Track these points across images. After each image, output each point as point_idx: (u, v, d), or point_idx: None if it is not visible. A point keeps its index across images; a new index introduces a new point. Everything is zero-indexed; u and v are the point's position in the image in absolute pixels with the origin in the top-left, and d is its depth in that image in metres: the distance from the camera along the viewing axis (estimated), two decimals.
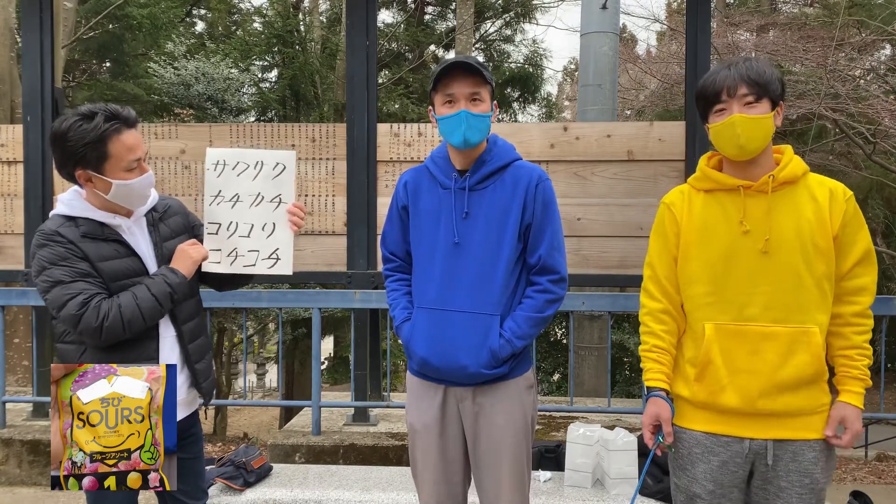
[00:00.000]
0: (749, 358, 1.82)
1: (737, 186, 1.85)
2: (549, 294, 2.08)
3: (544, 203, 2.08)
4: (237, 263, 2.12)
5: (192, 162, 4.27)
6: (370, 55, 4.16)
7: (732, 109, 1.81)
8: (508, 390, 2.11)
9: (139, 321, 1.88)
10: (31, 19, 4.27)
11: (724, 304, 1.85)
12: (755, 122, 1.80)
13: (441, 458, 2.14)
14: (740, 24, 11.33)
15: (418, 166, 2.24)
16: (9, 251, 4.35)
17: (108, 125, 1.85)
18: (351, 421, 4.30)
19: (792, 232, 1.80)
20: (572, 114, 18.60)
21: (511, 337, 2.04)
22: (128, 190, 1.91)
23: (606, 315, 4.57)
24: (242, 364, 6.81)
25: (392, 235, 2.25)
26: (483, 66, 2.05)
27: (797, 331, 1.80)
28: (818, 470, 1.83)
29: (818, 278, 1.81)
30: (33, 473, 4.12)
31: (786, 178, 1.83)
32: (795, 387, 1.80)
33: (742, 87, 1.80)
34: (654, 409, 1.91)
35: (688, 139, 4.03)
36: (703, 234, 1.89)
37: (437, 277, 2.08)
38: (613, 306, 4.01)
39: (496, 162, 2.10)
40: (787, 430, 1.82)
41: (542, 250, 2.07)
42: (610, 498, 3.09)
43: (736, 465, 1.86)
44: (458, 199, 2.09)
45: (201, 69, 9.20)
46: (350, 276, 4.14)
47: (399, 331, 2.18)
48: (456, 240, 2.07)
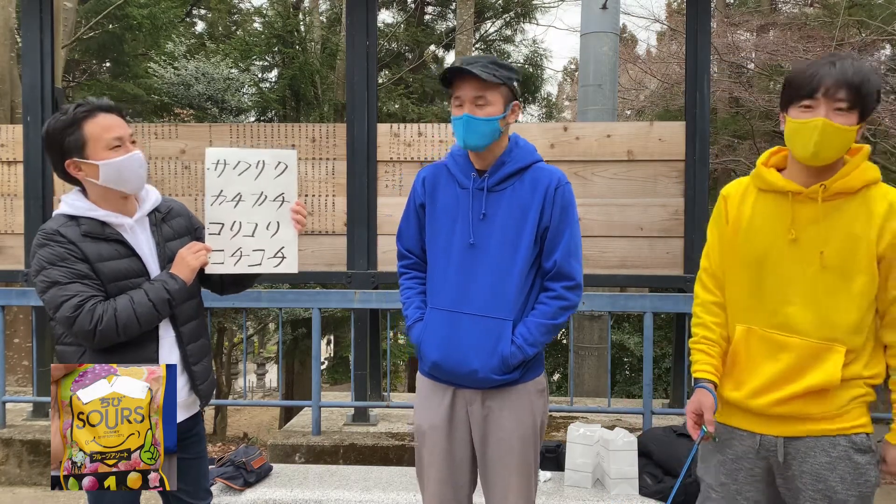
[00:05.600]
0: (768, 364, 1.80)
1: (787, 191, 1.77)
2: (563, 301, 2.05)
3: (563, 207, 2.05)
4: (242, 263, 2.11)
5: (192, 162, 4.26)
6: (370, 55, 4.16)
7: (820, 111, 1.68)
8: (518, 394, 2.09)
9: (134, 326, 1.88)
10: (31, 19, 4.27)
11: (759, 308, 1.82)
12: (839, 133, 1.68)
13: (447, 460, 2.13)
14: (740, 24, 11.33)
15: (437, 163, 2.22)
16: (9, 251, 4.35)
17: (80, 110, 1.89)
18: (351, 421, 4.30)
19: (836, 246, 1.72)
20: (572, 114, 18.59)
21: (523, 344, 2.02)
22: (115, 169, 1.91)
23: (606, 315, 4.57)
24: (242, 364, 6.81)
25: (408, 232, 2.23)
26: (493, 68, 1.99)
27: (818, 347, 1.73)
28: (835, 478, 1.73)
29: (855, 296, 1.72)
30: (33, 473, 4.12)
31: (840, 189, 1.72)
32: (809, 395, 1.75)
33: (841, 91, 1.67)
34: (697, 398, 1.86)
35: (688, 139, 4.03)
36: (749, 233, 1.84)
37: (451, 278, 2.07)
38: (613, 306, 4.01)
39: (516, 163, 2.07)
40: (800, 427, 1.77)
41: (558, 255, 2.04)
42: (610, 498, 3.09)
43: (749, 462, 1.84)
44: (476, 199, 2.06)
45: (201, 69, 9.19)
46: (350, 276, 4.14)
47: (410, 330, 2.17)
48: (472, 241, 2.05)
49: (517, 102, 2.09)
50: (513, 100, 2.06)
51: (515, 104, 2.08)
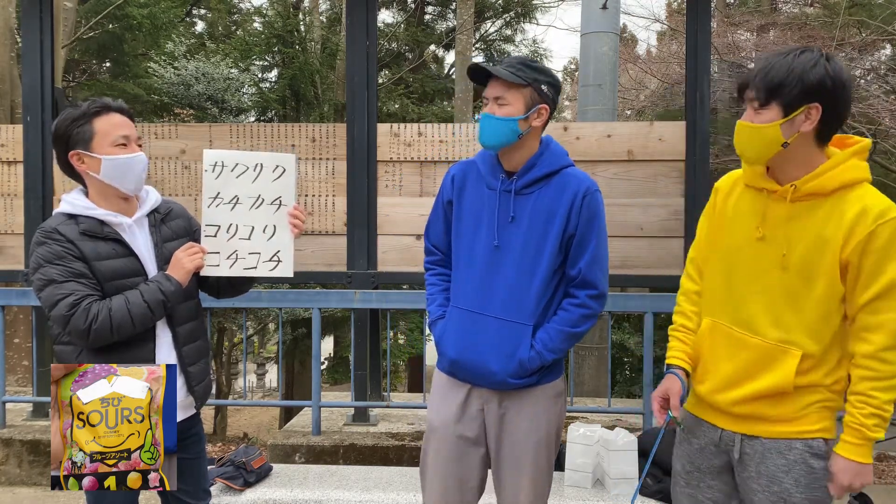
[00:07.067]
0: (727, 362, 1.79)
1: (762, 188, 1.75)
2: (586, 309, 2.04)
3: (590, 216, 2.02)
4: (237, 266, 2.10)
5: (192, 162, 4.26)
6: (370, 55, 4.15)
7: (746, 113, 1.70)
8: (536, 397, 2.08)
9: (129, 326, 1.88)
10: (31, 19, 4.27)
11: (727, 304, 1.81)
12: (754, 132, 1.68)
13: (455, 457, 2.11)
14: (740, 24, 11.33)
15: (468, 160, 2.21)
16: (9, 251, 4.35)
17: (94, 106, 1.93)
18: (351, 421, 4.30)
19: (803, 248, 1.67)
20: (572, 114, 18.58)
21: (542, 349, 2.01)
22: (118, 166, 1.92)
23: (606, 315, 4.57)
24: (242, 364, 6.81)
25: (436, 227, 2.23)
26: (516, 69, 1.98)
27: (774, 349, 1.71)
28: (790, 481, 1.71)
29: (817, 301, 1.67)
30: (33, 473, 4.11)
31: (811, 190, 1.67)
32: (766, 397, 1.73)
33: (749, 90, 1.67)
34: (665, 384, 1.87)
35: (688, 139, 4.03)
36: (728, 226, 1.83)
37: (474, 279, 2.06)
38: (613, 306, 4.01)
39: (545, 167, 2.05)
40: (757, 426, 1.76)
41: (583, 263, 2.02)
42: (610, 498, 3.09)
43: (711, 453, 1.86)
44: (504, 201, 2.05)
45: (201, 69, 9.19)
46: (350, 276, 4.14)
47: (433, 327, 2.17)
48: (496, 243, 2.04)
49: (545, 105, 2.03)
50: (540, 102, 2.02)
51: (542, 107, 2.02)
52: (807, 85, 1.61)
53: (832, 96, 1.62)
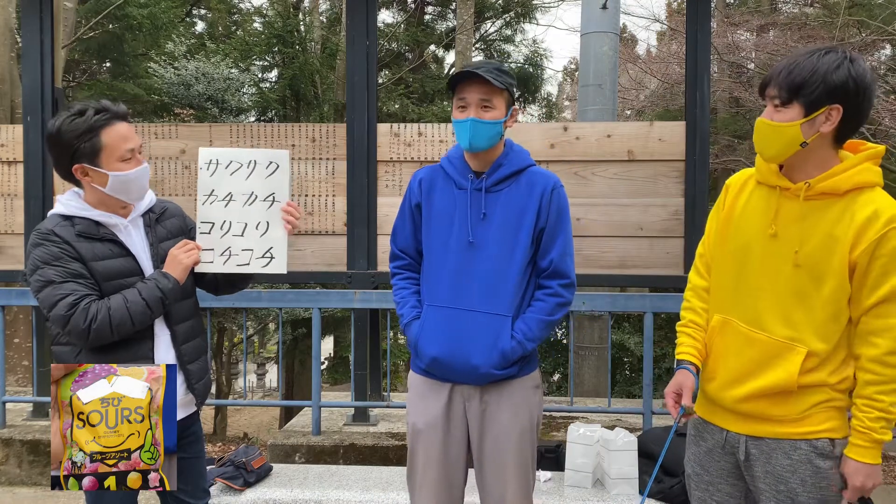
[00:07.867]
0: (734, 358, 1.80)
1: (775, 185, 1.75)
2: (560, 297, 2.12)
3: (559, 210, 2.13)
4: (231, 262, 2.11)
5: (192, 162, 4.26)
6: (370, 55, 4.16)
7: (766, 110, 1.71)
8: (515, 389, 2.13)
9: (128, 325, 1.88)
10: (31, 19, 4.27)
11: (737, 301, 1.81)
12: (773, 130, 1.68)
13: (443, 458, 2.15)
14: (740, 24, 11.32)
15: (433, 165, 2.26)
16: (9, 251, 4.35)
17: (100, 116, 1.88)
18: (351, 421, 4.30)
19: (813, 246, 1.68)
20: (572, 114, 18.60)
21: (522, 339, 2.07)
22: (125, 181, 1.92)
23: (606, 315, 4.57)
24: (242, 364, 6.81)
25: (403, 232, 2.27)
26: (497, 74, 2.06)
27: (780, 345, 1.71)
28: (796, 481, 1.72)
29: (827, 301, 1.68)
30: (33, 473, 4.12)
31: (824, 189, 1.67)
32: (770, 396, 1.73)
33: (772, 88, 1.68)
34: (677, 379, 1.86)
35: (688, 139, 4.03)
36: (738, 223, 1.83)
37: (449, 276, 2.11)
38: (613, 306, 4.01)
39: (513, 166, 2.14)
40: (762, 427, 1.77)
41: (554, 254, 2.11)
42: (610, 498, 3.09)
43: (718, 456, 1.86)
44: (475, 199, 2.12)
45: (201, 69, 9.19)
46: (350, 276, 4.14)
47: (407, 329, 2.19)
48: (471, 239, 2.09)
49: (516, 107, 2.18)
50: (512, 105, 2.14)
51: (515, 109, 2.17)
52: (829, 86, 1.61)
53: (854, 98, 1.63)
